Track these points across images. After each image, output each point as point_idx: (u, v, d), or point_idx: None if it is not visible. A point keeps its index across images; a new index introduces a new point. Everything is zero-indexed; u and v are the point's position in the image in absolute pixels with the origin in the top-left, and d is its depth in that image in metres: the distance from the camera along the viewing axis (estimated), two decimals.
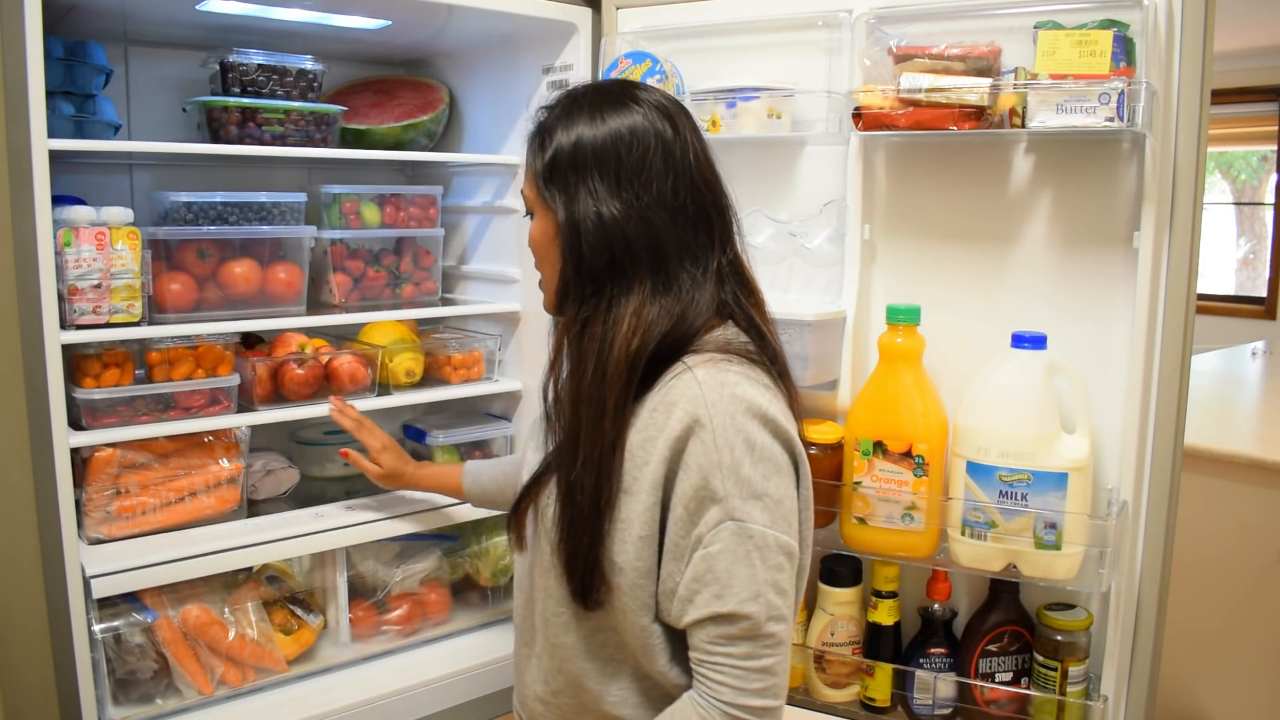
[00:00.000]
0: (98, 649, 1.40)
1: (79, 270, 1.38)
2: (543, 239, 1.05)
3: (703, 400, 0.95)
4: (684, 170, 1.02)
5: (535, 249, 1.07)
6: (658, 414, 0.97)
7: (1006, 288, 1.51)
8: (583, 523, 0.99)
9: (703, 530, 0.95)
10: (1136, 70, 1.32)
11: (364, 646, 1.67)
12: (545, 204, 1.04)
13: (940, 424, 1.46)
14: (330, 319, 1.69)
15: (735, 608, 0.93)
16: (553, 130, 1.03)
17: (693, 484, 0.95)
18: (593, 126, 1.01)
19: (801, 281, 1.66)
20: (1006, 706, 1.50)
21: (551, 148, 1.02)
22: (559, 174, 1.02)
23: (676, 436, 0.95)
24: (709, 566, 0.94)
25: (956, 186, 1.53)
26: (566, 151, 1.01)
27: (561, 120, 1.03)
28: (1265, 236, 5.62)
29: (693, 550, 0.95)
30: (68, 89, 1.54)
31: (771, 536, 0.95)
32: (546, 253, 1.05)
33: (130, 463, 1.50)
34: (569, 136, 1.01)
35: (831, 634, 1.60)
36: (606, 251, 0.99)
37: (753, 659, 0.93)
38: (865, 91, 1.44)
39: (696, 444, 0.95)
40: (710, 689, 0.95)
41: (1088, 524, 1.37)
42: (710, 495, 0.94)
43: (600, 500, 0.98)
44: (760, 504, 0.95)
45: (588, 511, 0.98)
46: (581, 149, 1.01)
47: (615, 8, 1.74)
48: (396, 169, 2.15)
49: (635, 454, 0.97)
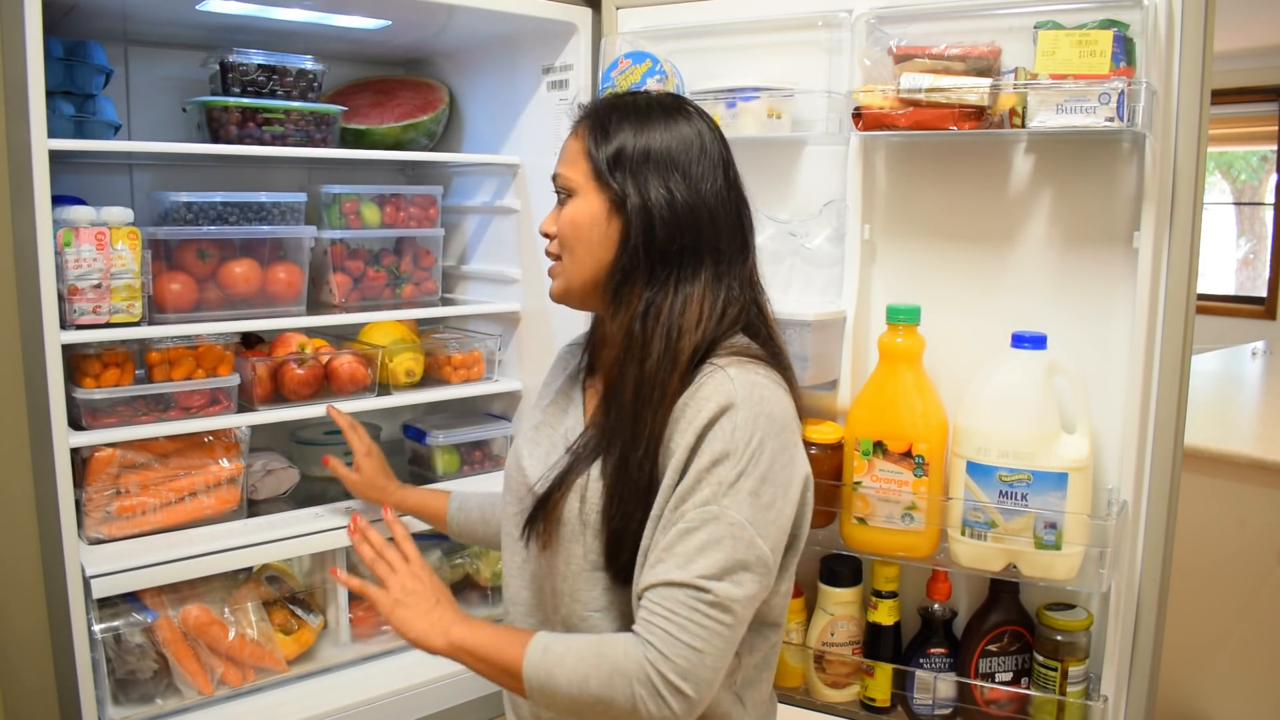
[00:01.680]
0: (98, 649, 1.40)
1: (79, 270, 1.38)
2: (587, 221, 1.09)
3: (735, 393, 1.01)
4: (732, 180, 1.12)
5: (573, 231, 1.10)
6: (689, 409, 1.02)
7: (1006, 288, 1.51)
8: (636, 500, 1.03)
9: (689, 507, 0.99)
10: (1136, 70, 1.32)
11: (364, 646, 1.67)
12: (603, 186, 1.08)
13: (940, 424, 1.46)
14: (330, 319, 1.69)
15: (693, 579, 0.97)
16: (617, 119, 1.09)
17: (701, 464, 0.99)
18: (663, 121, 1.09)
19: (801, 281, 1.66)
20: (1006, 706, 1.50)
21: (618, 136, 1.08)
22: (627, 159, 1.07)
23: (704, 424, 1.01)
24: (682, 541, 0.98)
25: (956, 186, 1.53)
26: (638, 138, 1.07)
27: (627, 113, 1.09)
28: (1265, 236, 5.63)
29: (674, 523, 1.00)
30: (68, 89, 1.54)
31: (750, 535, 0.99)
32: (586, 235, 1.09)
33: (130, 463, 1.50)
34: (639, 125, 1.08)
35: (831, 634, 1.60)
36: (679, 236, 1.06)
37: (689, 631, 0.96)
38: (865, 91, 1.44)
39: (719, 430, 1.00)
40: (644, 643, 0.97)
41: (1088, 524, 1.37)
42: (710, 477, 0.99)
43: (653, 477, 1.03)
44: (751, 503, 0.99)
45: (642, 489, 1.03)
46: (654, 139, 1.07)
47: (615, 8, 1.74)
48: (396, 169, 2.15)
49: (669, 442, 1.03)
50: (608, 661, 0.98)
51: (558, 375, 1.28)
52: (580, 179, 1.10)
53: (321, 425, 1.92)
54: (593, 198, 1.09)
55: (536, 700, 1.03)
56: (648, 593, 0.99)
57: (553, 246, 1.15)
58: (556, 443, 1.17)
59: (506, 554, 1.21)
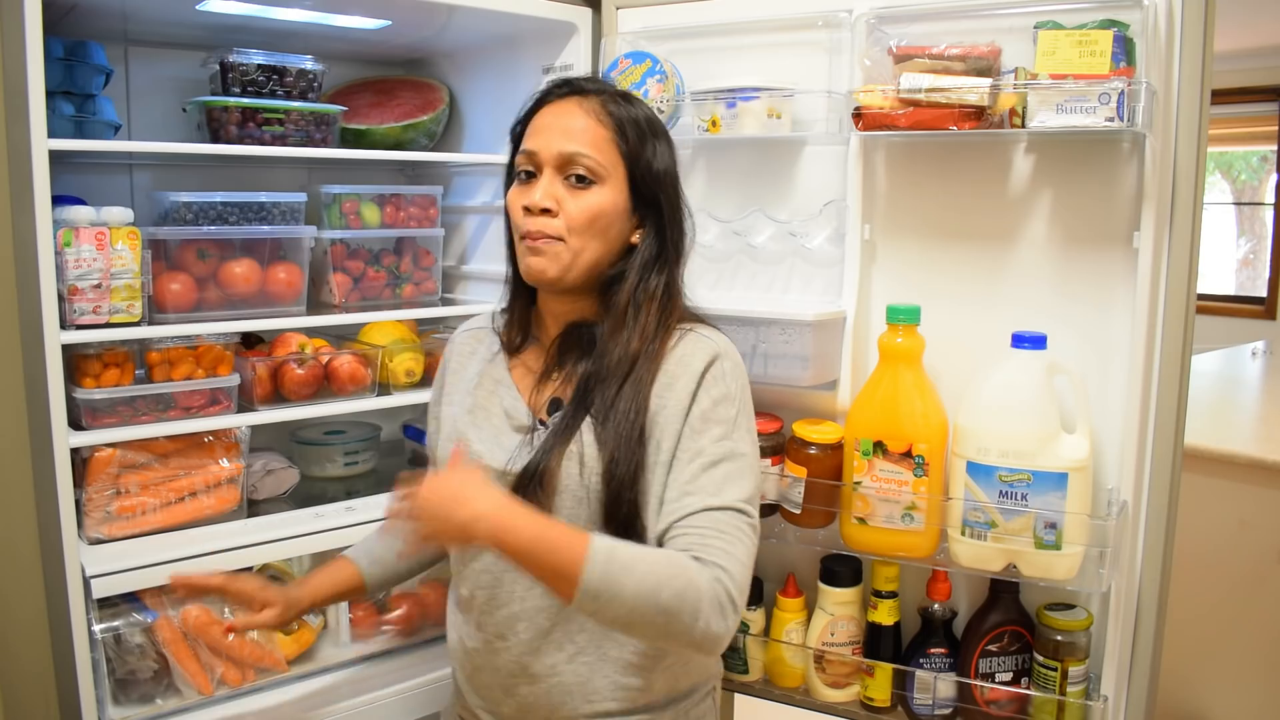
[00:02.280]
0: (98, 649, 1.40)
1: (79, 270, 1.38)
2: (611, 213, 1.17)
3: (717, 347, 1.18)
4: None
5: (596, 219, 1.16)
6: (676, 365, 1.16)
7: (1006, 288, 1.51)
8: (632, 456, 1.13)
9: (706, 443, 1.11)
10: (1136, 70, 1.32)
11: (364, 646, 1.67)
12: (635, 188, 1.19)
13: (940, 424, 1.46)
14: (330, 319, 1.69)
15: (733, 503, 1.09)
16: (637, 126, 1.19)
17: (704, 406, 1.13)
18: (667, 140, 1.23)
19: (801, 281, 1.66)
20: (1006, 706, 1.50)
21: (647, 144, 1.20)
22: (658, 174, 1.20)
23: (699, 372, 1.15)
24: (706, 474, 1.10)
25: (956, 186, 1.53)
26: (661, 152, 1.21)
27: (642, 124, 1.20)
28: (1265, 236, 5.63)
29: (691, 460, 1.11)
30: (68, 89, 1.54)
31: (757, 467, 1.16)
32: (605, 226, 1.17)
33: (130, 463, 1.50)
34: (659, 138, 1.22)
35: (831, 634, 1.60)
36: (678, 239, 1.23)
37: (742, 546, 1.07)
38: (865, 91, 1.44)
39: (713, 376, 1.15)
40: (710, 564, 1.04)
41: (1088, 524, 1.37)
42: (715, 416, 1.13)
43: (643, 432, 1.14)
44: (750, 439, 1.16)
45: (635, 444, 1.13)
46: (668, 155, 1.23)
47: (615, 8, 1.74)
48: (396, 169, 2.15)
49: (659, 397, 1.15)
50: (683, 575, 1.02)
51: (467, 362, 1.31)
52: (611, 169, 1.17)
53: (321, 425, 1.92)
54: (620, 193, 1.18)
55: (585, 607, 1.01)
56: (688, 519, 1.07)
57: (555, 225, 1.15)
58: (499, 423, 1.22)
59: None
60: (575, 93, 1.20)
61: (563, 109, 1.18)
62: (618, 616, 1.02)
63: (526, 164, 1.19)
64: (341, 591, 1.37)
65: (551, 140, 1.16)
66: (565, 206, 1.15)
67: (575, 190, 1.16)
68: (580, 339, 1.22)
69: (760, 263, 1.69)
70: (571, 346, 1.23)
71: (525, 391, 1.24)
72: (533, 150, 1.18)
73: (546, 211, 1.15)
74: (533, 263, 1.17)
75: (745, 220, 1.66)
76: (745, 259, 1.70)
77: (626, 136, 1.17)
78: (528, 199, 1.17)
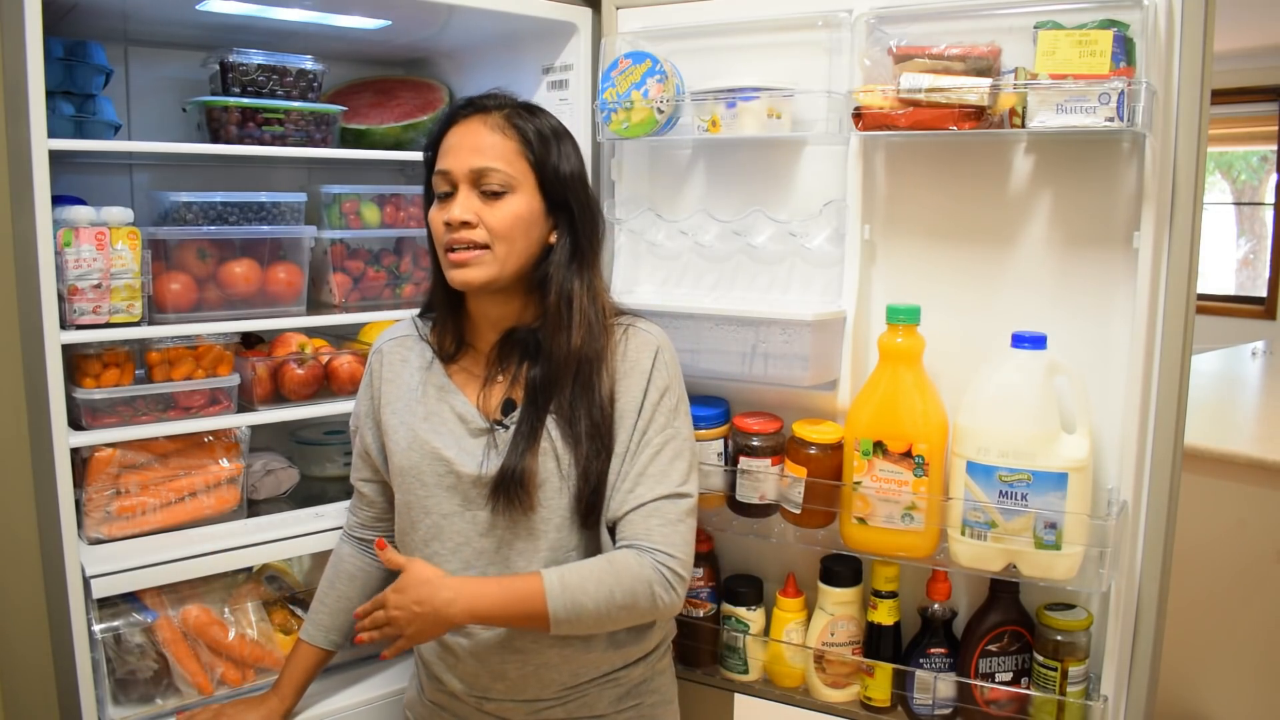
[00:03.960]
0: (98, 649, 1.40)
1: (79, 270, 1.38)
2: (528, 218, 1.26)
3: (656, 341, 1.31)
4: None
5: (515, 225, 1.25)
6: (625, 362, 1.29)
7: (1006, 288, 1.51)
8: (600, 445, 1.26)
9: (652, 434, 1.26)
10: (1136, 70, 1.32)
11: (364, 646, 1.67)
12: (546, 192, 1.27)
13: (940, 424, 1.46)
14: (330, 319, 1.69)
15: (673, 490, 1.25)
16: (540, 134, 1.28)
17: (651, 400, 1.27)
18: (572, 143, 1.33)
19: (801, 281, 1.66)
20: (1006, 706, 1.50)
21: (552, 149, 1.28)
22: (565, 176, 1.29)
23: (647, 369, 1.28)
24: (654, 461, 1.25)
25: (956, 187, 1.53)
26: (566, 154, 1.30)
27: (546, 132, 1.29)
28: (1265, 236, 5.63)
29: (641, 451, 1.26)
30: (68, 89, 1.54)
31: (694, 443, 1.32)
32: (525, 231, 1.26)
33: (130, 463, 1.50)
34: (562, 142, 1.30)
35: (831, 634, 1.60)
36: (594, 235, 1.32)
37: (678, 529, 1.24)
38: (865, 91, 1.44)
39: (657, 371, 1.29)
40: (648, 550, 1.22)
41: (1088, 524, 1.37)
42: (661, 407, 1.28)
43: (612, 422, 1.27)
44: (687, 420, 1.32)
45: (604, 434, 1.26)
46: (574, 155, 1.31)
47: (615, 8, 1.74)
48: (396, 169, 2.15)
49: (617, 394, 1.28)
50: (626, 572, 1.20)
51: (400, 370, 1.37)
52: (521, 178, 1.26)
53: (321, 425, 1.92)
54: (533, 198, 1.27)
55: (562, 628, 1.20)
56: (636, 511, 1.24)
57: (479, 234, 1.25)
58: (454, 428, 1.30)
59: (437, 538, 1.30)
60: (478, 111, 1.28)
61: (469, 128, 1.27)
62: (590, 625, 1.21)
63: (443, 184, 1.27)
64: (314, 673, 1.47)
65: (462, 158, 1.25)
66: (484, 218, 1.24)
67: (491, 202, 1.25)
68: (520, 341, 1.31)
69: (760, 263, 1.69)
70: (513, 349, 1.31)
71: (471, 396, 1.32)
72: (446, 170, 1.26)
73: (466, 224, 1.24)
74: (460, 274, 1.25)
75: (745, 220, 1.66)
76: (745, 259, 1.70)
77: (532, 146, 1.26)
78: (448, 215, 1.25)
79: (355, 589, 1.46)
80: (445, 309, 1.35)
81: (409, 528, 1.33)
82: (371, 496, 1.44)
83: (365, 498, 1.45)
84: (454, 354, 1.35)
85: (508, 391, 1.31)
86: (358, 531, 1.48)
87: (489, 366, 1.32)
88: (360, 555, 1.47)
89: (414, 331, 1.39)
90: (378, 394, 1.38)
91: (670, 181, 1.76)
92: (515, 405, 1.29)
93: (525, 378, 1.29)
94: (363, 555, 1.47)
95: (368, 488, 1.44)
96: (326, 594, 1.46)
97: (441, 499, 1.29)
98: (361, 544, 1.48)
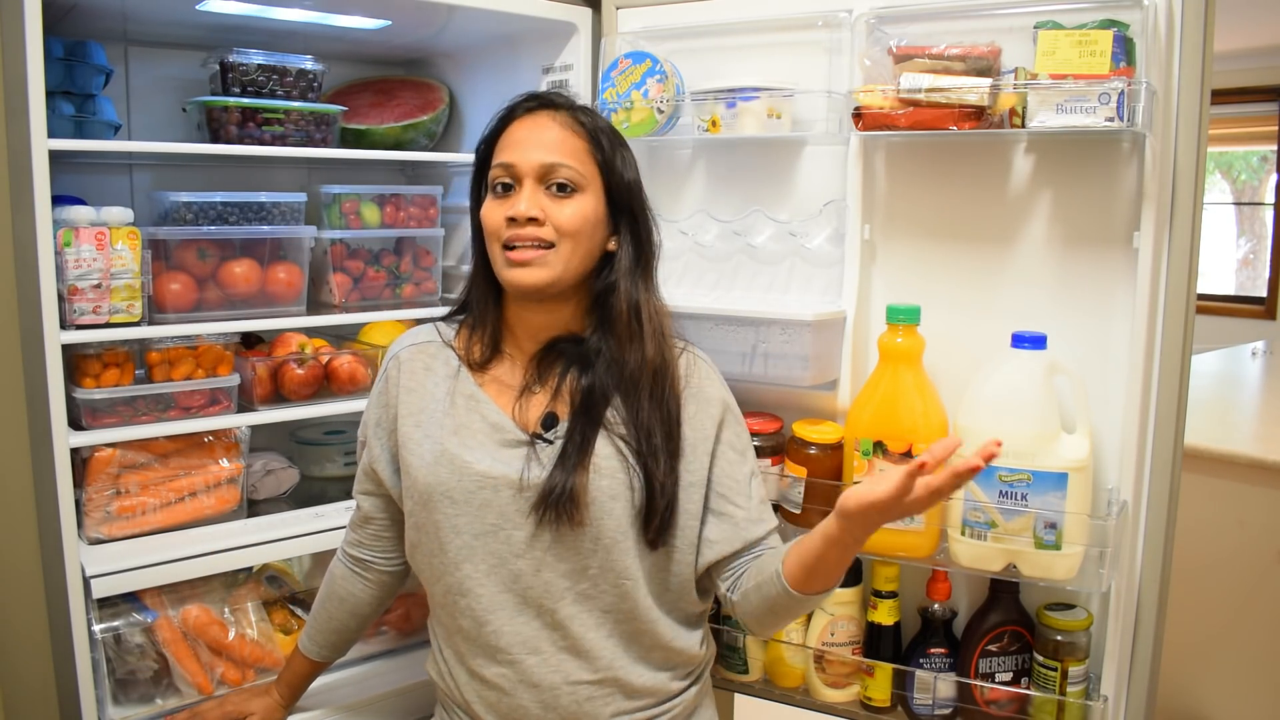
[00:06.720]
0: (98, 649, 1.40)
1: (79, 270, 1.38)
2: (594, 220, 1.21)
3: (716, 371, 1.32)
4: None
5: (581, 227, 1.20)
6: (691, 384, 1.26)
7: (1006, 287, 1.50)
8: (665, 465, 1.20)
9: (746, 471, 1.27)
10: (1136, 70, 1.32)
11: (364, 646, 1.67)
12: (611, 197, 1.23)
13: (940, 424, 1.46)
14: (330, 319, 1.69)
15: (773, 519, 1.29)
16: (611, 138, 1.25)
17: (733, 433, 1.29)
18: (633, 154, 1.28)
19: (801, 281, 1.66)
20: (1006, 706, 1.50)
21: (619, 154, 1.25)
22: (629, 184, 1.25)
23: (719, 398, 1.28)
24: (757, 495, 1.28)
25: (956, 186, 1.53)
26: (629, 161, 1.26)
27: (616, 136, 1.26)
28: (1265, 236, 5.63)
29: (746, 485, 1.26)
30: (68, 89, 1.54)
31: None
32: (590, 233, 1.21)
33: (130, 463, 1.50)
34: (626, 150, 1.27)
35: (831, 634, 1.60)
36: (652, 247, 1.28)
37: None
38: (865, 91, 1.44)
39: (729, 401, 1.29)
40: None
41: (1088, 524, 1.37)
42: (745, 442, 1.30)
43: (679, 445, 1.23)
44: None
45: (675, 454, 1.22)
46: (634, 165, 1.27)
47: (615, 8, 1.74)
48: (396, 169, 2.15)
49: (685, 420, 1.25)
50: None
51: (424, 379, 1.26)
52: (590, 178, 1.21)
53: (321, 425, 1.92)
54: (599, 201, 1.22)
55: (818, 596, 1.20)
56: (763, 542, 1.25)
57: (546, 232, 1.18)
58: (485, 439, 1.20)
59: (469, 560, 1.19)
60: (546, 106, 1.24)
61: (537, 122, 1.22)
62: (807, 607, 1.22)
63: (504, 176, 1.20)
64: (310, 679, 1.45)
65: (529, 152, 1.19)
66: (551, 215, 1.18)
67: (558, 199, 1.19)
68: (563, 352, 1.23)
69: (760, 263, 1.69)
70: (555, 360, 1.24)
71: (505, 407, 1.23)
72: (510, 163, 1.19)
73: (533, 220, 1.17)
74: (519, 274, 1.17)
75: (745, 220, 1.66)
76: (745, 259, 1.70)
77: (602, 147, 1.22)
78: (512, 209, 1.17)
79: (345, 612, 1.39)
80: (484, 313, 1.27)
81: (436, 550, 1.21)
82: (370, 512, 1.34)
83: (363, 512, 1.35)
84: (484, 362, 1.26)
85: (549, 405, 1.22)
86: (353, 550, 1.38)
87: (526, 376, 1.24)
88: (351, 580, 1.39)
89: (436, 337, 1.30)
90: (395, 403, 1.26)
91: (670, 181, 1.76)
92: (557, 419, 1.21)
93: (572, 389, 1.21)
94: (354, 580, 1.38)
95: (368, 502, 1.34)
96: (319, 611, 1.41)
97: (473, 517, 1.18)
98: (354, 567, 1.39)
